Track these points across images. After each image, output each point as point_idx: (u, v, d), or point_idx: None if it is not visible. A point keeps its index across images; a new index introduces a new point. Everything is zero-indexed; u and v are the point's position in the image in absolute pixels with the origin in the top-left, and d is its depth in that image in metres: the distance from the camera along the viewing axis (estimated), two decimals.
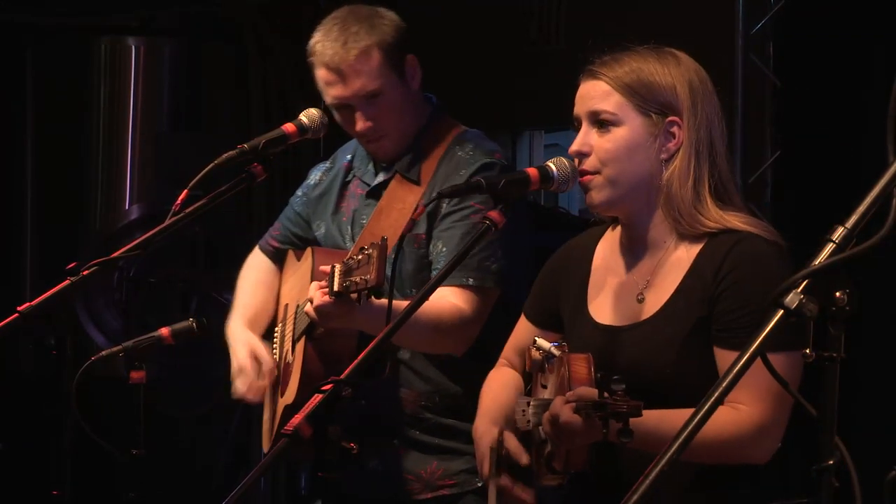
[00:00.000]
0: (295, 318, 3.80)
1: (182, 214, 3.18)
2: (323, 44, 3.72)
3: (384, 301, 3.44)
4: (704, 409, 2.07)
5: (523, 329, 3.23)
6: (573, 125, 3.05)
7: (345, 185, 3.91)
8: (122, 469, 3.86)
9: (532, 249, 3.75)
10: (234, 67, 6.75)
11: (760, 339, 2.06)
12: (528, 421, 2.95)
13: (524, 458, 2.98)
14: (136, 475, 3.87)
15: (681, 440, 2.05)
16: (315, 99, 6.59)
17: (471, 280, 3.59)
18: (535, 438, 2.95)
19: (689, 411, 2.78)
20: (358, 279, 3.20)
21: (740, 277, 2.88)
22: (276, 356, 3.91)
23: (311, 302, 3.42)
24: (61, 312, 3.09)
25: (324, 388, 2.65)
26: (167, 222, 3.17)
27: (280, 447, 2.61)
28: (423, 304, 2.85)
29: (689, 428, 2.06)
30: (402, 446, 3.75)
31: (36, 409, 6.21)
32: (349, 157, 3.93)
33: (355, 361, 2.72)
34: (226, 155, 3.26)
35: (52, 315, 3.12)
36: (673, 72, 2.98)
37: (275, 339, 3.97)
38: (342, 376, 2.67)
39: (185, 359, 6.27)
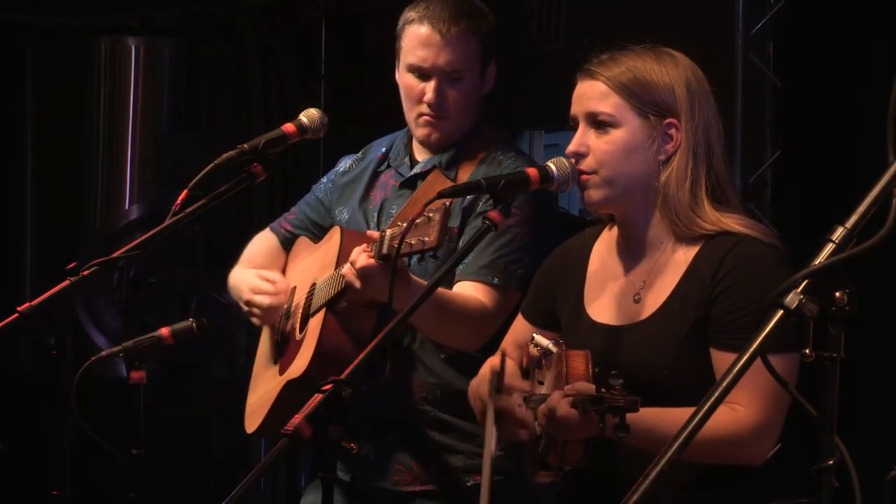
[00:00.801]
0: (310, 295, 3.81)
1: (182, 214, 3.18)
2: (431, 9, 3.74)
3: (420, 280, 3.47)
4: (704, 409, 2.07)
5: (521, 326, 3.24)
6: (569, 125, 3.05)
7: (376, 174, 3.93)
8: (122, 469, 3.87)
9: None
10: (234, 67, 6.75)
11: (760, 339, 2.06)
12: (538, 422, 2.96)
13: (522, 383, 2.98)
14: (136, 475, 3.87)
15: (681, 440, 2.05)
16: (314, 99, 6.61)
17: (496, 280, 3.62)
18: (530, 434, 2.95)
19: (688, 410, 2.81)
20: (414, 241, 3.19)
21: (738, 279, 2.88)
22: (278, 336, 3.92)
23: (353, 263, 3.42)
24: (61, 312, 3.09)
25: (324, 388, 2.65)
26: (167, 222, 3.17)
27: (280, 447, 2.61)
28: (423, 302, 2.86)
29: (690, 428, 2.06)
30: (397, 436, 3.76)
31: (36, 409, 6.21)
32: (384, 149, 3.95)
33: (356, 361, 2.72)
34: (226, 155, 3.26)
35: (52, 315, 3.12)
36: (671, 72, 2.98)
37: (277, 320, 3.98)
38: (342, 376, 2.67)
39: (185, 359, 6.27)
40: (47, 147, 6.72)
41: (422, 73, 3.74)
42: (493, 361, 3.04)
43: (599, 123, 2.97)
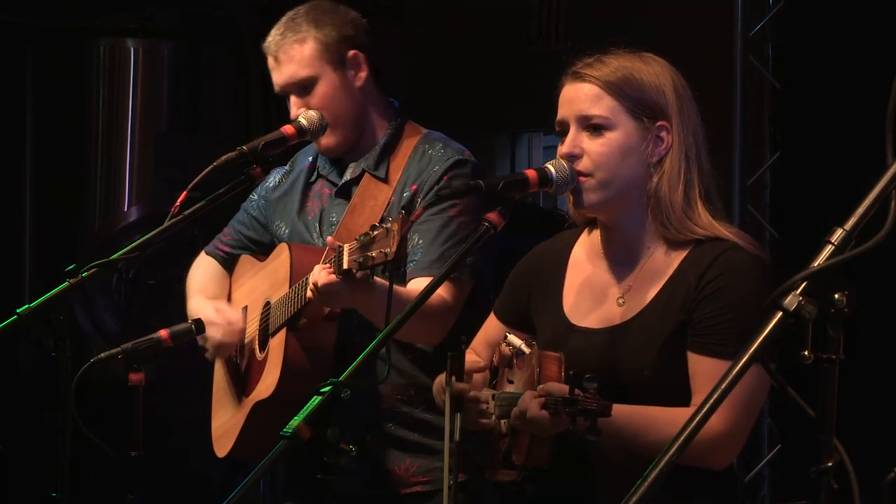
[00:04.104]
0: (265, 315, 3.81)
1: (181, 216, 3.18)
2: (269, 35, 3.83)
3: (383, 281, 3.47)
4: (704, 411, 2.07)
5: (493, 326, 3.22)
6: (556, 130, 3.04)
7: (308, 185, 3.94)
8: (121, 471, 3.86)
9: (497, 248, 3.79)
10: (233, 69, 6.75)
11: (759, 341, 2.06)
12: (492, 414, 2.96)
13: (482, 397, 2.97)
14: (135, 477, 3.87)
15: (680, 441, 2.05)
16: None
17: None
18: (494, 432, 2.95)
19: (659, 409, 2.82)
20: (375, 253, 3.21)
21: (723, 286, 2.89)
22: (236, 358, 3.94)
23: (316, 284, 3.43)
24: (60, 314, 3.10)
25: (322, 389, 2.65)
26: (166, 224, 3.18)
27: (279, 449, 2.62)
28: (423, 303, 2.86)
29: (689, 429, 2.06)
30: (376, 441, 3.76)
31: (35, 410, 6.21)
32: (310, 158, 3.98)
33: (355, 363, 2.72)
34: (225, 157, 3.27)
35: (51, 317, 3.12)
36: (658, 74, 2.98)
37: None
38: (341, 378, 2.67)
39: (183, 360, 6.27)
40: (46, 148, 6.72)
41: (283, 96, 3.80)
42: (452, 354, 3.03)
43: (593, 126, 2.96)
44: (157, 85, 6.64)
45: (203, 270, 4.13)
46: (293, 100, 3.77)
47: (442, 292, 3.60)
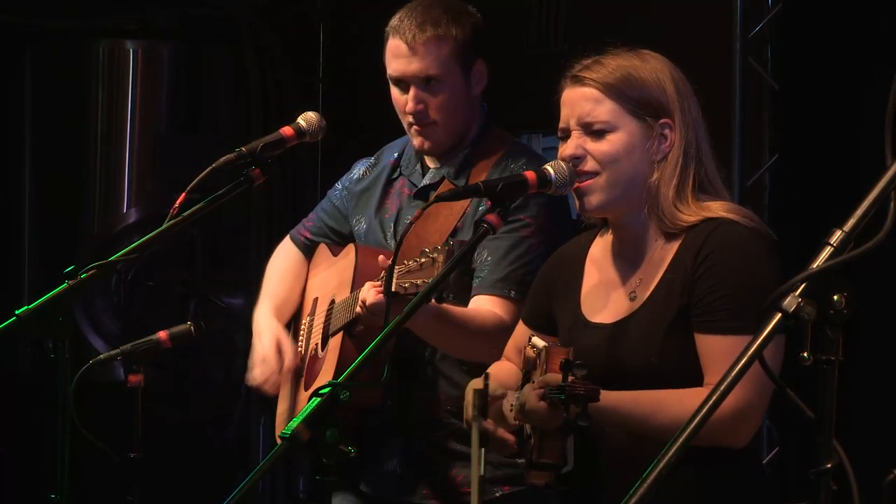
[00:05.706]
0: (329, 313, 3.81)
1: (180, 218, 3.18)
2: (402, 19, 3.75)
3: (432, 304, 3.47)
4: (701, 415, 2.08)
5: (521, 332, 3.25)
6: (558, 134, 3.04)
7: (390, 182, 3.92)
8: (121, 473, 3.86)
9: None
10: (232, 70, 6.75)
11: (759, 342, 2.07)
12: (515, 417, 2.97)
13: (507, 402, 2.99)
14: (135, 478, 3.87)
15: (678, 444, 2.06)
16: (313, 101, 6.60)
17: (513, 293, 3.62)
18: (523, 435, 2.96)
19: (663, 392, 2.81)
20: (420, 282, 3.22)
21: (717, 261, 2.90)
22: (302, 348, 3.93)
23: (364, 302, 3.44)
24: (59, 315, 3.10)
25: (321, 391, 2.66)
26: (165, 225, 3.17)
27: (278, 450, 2.62)
28: (423, 303, 2.86)
29: (687, 432, 2.06)
30: (424, 449, 3.76)
31: (34, 412, 6.21)
32: (396, 154, 3.94)
33: (352, 365, 2.73)
34: (224, 158, 3.26)
35: (51, 318, 3.12)
36: (658, 70, 2.99)
37: (301, 331, 3.97)
38: (340, 379, 2.68)
39: (183, 362, 6.27)
40: (46, 149, 6.72)
41: (400, 84, 3.75)
42: (477, 383, 3.03)
43: (596, 131, 2.97)
44: (157, 85, 6.64)
45: (283, 258, 4.10)
46: (412, 91, 3.72)
47: (499, 311, 3.61)
